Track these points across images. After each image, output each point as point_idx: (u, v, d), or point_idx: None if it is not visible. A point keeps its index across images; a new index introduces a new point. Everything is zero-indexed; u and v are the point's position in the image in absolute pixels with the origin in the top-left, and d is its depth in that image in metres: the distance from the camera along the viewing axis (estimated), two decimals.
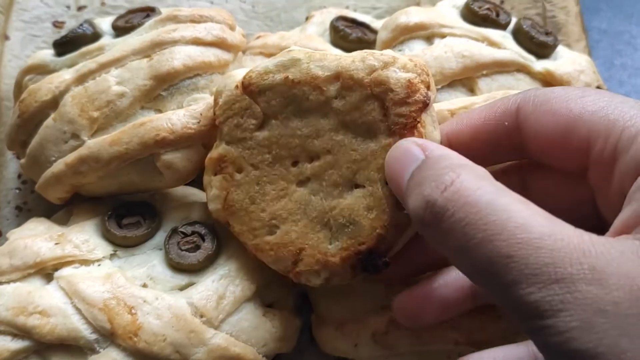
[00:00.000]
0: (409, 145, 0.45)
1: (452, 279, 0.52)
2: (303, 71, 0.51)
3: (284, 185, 0.52)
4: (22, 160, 0.65)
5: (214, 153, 0.54)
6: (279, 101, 0.52)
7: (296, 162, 0.52)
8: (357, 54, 0.51)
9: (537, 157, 0.48)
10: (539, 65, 0.64)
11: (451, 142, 0.50)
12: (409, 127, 0.48)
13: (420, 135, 0.48)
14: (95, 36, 0.66)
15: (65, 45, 0.66)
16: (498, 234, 0.35)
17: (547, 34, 0.67)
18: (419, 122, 0.48)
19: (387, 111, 0.49)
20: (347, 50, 0.71)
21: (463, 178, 0.39)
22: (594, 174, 0.45)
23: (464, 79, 0.62)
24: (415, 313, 0.53)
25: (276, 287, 0.61)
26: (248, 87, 0.52)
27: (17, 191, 0.72)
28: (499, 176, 0.46)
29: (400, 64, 0.49)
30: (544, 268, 0.34)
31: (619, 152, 0.41)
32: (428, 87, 0.49)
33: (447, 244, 0.38)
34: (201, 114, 0.60)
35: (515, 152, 0.49)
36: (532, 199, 0.39)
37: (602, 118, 0.42)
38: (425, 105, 0.48)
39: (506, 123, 0.48)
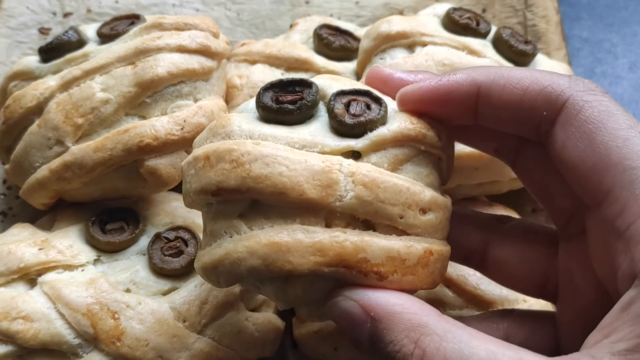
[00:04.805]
0: (351, 306, 0.42)
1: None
2: None
3: None
4: (7, 166, 0.66)
5: None
6: None
7: None
8: None
9: (560, 168, 0.44)
10: None
11: (481, 91, 0.45)
12: None
13: None
14: (81, 43, 0.67)
15: (51, 51, 0.66)
16: None
17: (526, 42, 0.68)
18: None
19: None
20: (331, 57, 0.72)
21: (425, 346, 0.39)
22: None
23: None
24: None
25: None
26: None
27: (2, 197, 0.73)
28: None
29: None
30: None
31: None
32: None
33: None
34: (184, 121, 0.60)
35: (536, 135, 0.45)
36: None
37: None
38: None
39: (545, 113, 0.43)
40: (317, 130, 0.45)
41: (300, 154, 0.43)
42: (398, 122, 0.45)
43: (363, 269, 0.41)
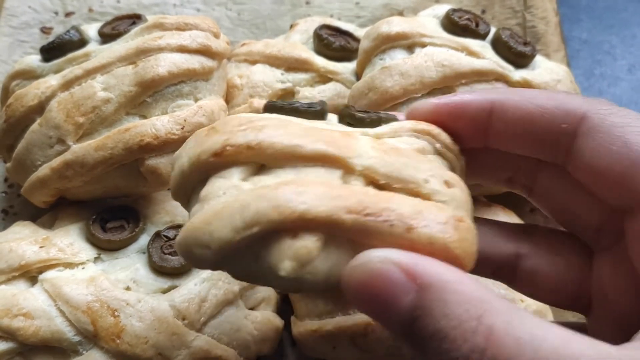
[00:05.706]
0: (388, 270, 0.34)
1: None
2: None
3: None
4: (8, 164, 0.66)
5: None
6: None
7: None
8: None
9: (580, 177, 0.43)
10: (517, 74, 0.66)
11: (495, 106, 0.44)
12: None
13: None
14: (82, 42, 0.67)
15: (52, 51, 0.67)
16: None
17: (525, 44, 0.68)
18: None
19: None
20: (331, 57, 0.72)
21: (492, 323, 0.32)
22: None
23: (444, 87, 0.64)
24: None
25: (258, 290, 0.62)
26: None
27: (4, 195, 0.73)
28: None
29: None
30: None
31: None
32: None
33: None
34: (185, 120, 0.61)
35: (554, 154, 0.44)
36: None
37: None
38: None
39: (564, 125, 0.42)
40: (329, 122, 0.44)
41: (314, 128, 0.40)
42: (412, 121, 0.44)
43: (389, 217, 0.35)
